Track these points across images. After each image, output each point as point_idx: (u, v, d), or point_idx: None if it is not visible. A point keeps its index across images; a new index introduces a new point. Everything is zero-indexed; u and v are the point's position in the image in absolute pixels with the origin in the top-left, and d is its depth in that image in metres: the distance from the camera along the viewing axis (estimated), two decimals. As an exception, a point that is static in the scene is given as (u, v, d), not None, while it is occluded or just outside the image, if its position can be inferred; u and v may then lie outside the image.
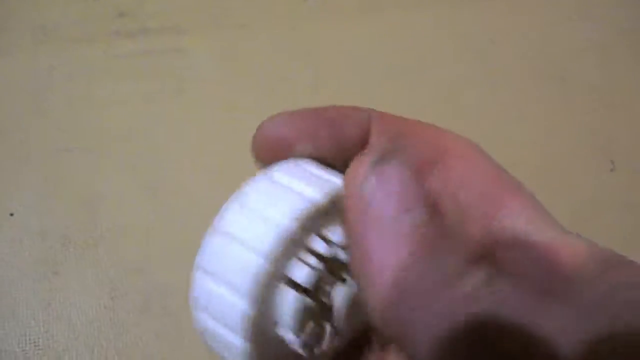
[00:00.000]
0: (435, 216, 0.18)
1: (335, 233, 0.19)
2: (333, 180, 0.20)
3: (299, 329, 0.19)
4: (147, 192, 0.37)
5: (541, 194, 0.21)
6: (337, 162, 0.21)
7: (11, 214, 0.35)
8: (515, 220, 0.19)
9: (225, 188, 0.19)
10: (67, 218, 0.35)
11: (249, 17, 0.45)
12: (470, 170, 0.20)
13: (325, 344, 0.20)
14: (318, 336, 0.20)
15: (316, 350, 0.20)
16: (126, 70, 0.42)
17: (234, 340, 0.19)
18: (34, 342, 0.32)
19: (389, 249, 0.17)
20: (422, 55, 0.45)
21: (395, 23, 0.46)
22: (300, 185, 0.19)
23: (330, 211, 0.19)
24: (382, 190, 0.18)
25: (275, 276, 0.18)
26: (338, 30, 0.45)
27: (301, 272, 0.18)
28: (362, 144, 0.21)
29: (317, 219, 0.19)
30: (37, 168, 0.37)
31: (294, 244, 0.18)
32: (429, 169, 0.21)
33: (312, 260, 0.19)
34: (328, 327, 0.20)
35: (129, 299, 0.33)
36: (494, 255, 0.19)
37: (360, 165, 0.19)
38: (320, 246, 0.19)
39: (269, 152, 0.21)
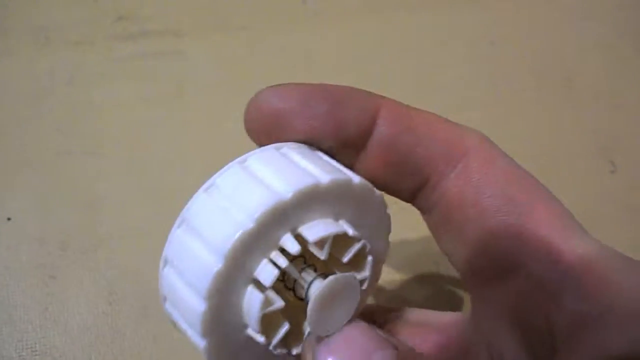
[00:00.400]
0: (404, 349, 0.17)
1: (313, 230, 0.18)
2: (312, 170, 0.18)
3: (269, 330, 0.18)
4: (146, 196, 0.37)
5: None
6: (334, 145, 0.20)
7: (9, 219, 0.35)
8: (547, 229, 0.18)
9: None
10: (66, 222, 0.35)
11: (249, 19, 0.45)
12: (492, 174, 0.19)
13: None
14: (297, 336, 0.19)
15: (294, 351, 0.19)
16: (126, 73, 0.42)
17: (196, 338, 0.18)
18: (31, 347, 0.31)
19: None
20: (422, 57, 0.44)
21: (395, 25, 0.46)
22: (273, 177, 0.17)
23: (305, 204, 0.18)
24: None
25: (242, 276, 0.17)
26: (337, 32, 0.45)
27: (266, 274, 0.17)
28: (364, 132, 0.20)
29: (290, 214, 0.17)
30: (36, 171, 0.37)
31: (262, 243, 0.17)
32: (445, 170, 0.20)
33: (281, 260, 0.17)
34: (307, 327, 0.19)
35: (127, 304, 0.33)
36: (524, 266, 0.18)
37: (305, 356, 0.17)
38: (290, 246, 0.17)
39: (261, 128, 0.19)
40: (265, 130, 0.19)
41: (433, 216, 0.21)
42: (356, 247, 0.19)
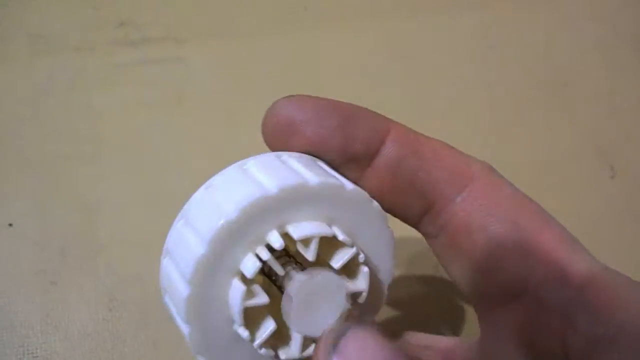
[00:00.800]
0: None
1: (298, 228, 0.18)
2: (303, 173, 0.19)
3: (254, 327, 0.18)
4: (146, 202, 0.37)
5: (540, 200, 0.21)
6: (339, 159, 0.20)
7: (10, 225, 0.35)
8: (555, 254, 0.18)
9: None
10: (66, 228, 0.35)
11: (249, 26, 0.45)
12: (497, 199, 0.20)
13: (296, 350, 0.19)
14: (285, 339, 0.19)
15: (282, 355, 0.19)
16: (126, 79, 0.42)
17: (182, 325, 0.18)
18: (32, 353, 0.31)
19: None
20: (422, 62, 0.44)
21: (395, 30, 0.46)
22: (265, 176, 0.18)
23: (293, 202, 0.18)
24: None
25: (228, 269, 0.18)
26: (338, 37, 0.45)
27: (248, 265, 0.18)
28: (371, 150, 0.20)
29: (278, 211, 0.18)
30: (36, 177, 0.37)
31: (250, 238, 0.18)
32: (451, 195, 0.20)
33: (264, 253, 0.18)
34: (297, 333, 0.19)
35: (127, 310, 0.33)
36: (533, 290, 0.18)
37: (320, 352, 0.17)
38: (274, 239, 0.18)
39: (275, 135, 0.20)
40: (278, 137, 0.20)
41: (439, 241, 0.21)
42: (347, 253, 0.19)
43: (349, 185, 0.19)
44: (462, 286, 0.21)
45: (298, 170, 0.19)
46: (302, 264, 0.19)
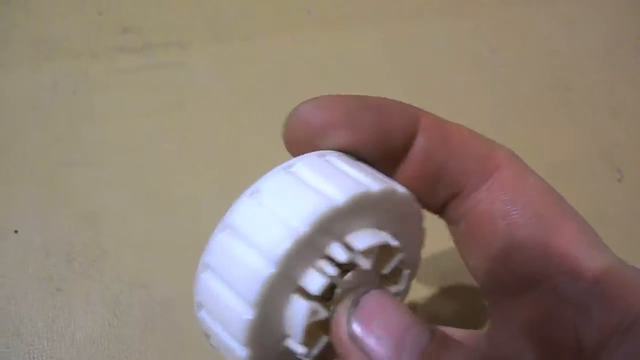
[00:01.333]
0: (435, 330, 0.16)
1: (359, 239, 0.17)
2: (361, 179, 0.18)
3: (310, 342, 0.18)
4: (150, 207, 0.37)
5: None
6: (376, 155, 0.20)
7: (15, 231, 0.35)
8: (574, 246, 0.18)
9: (229, 202, 0.19)
10: (71, 234, 0.35)
11: (252, 30, 0.45)
12: (522, 188, 0.20)
13: None
14: (331, 350, 0.19)
15: None
16: (129, 85, 0.42)
17: (236, 347, 0.17)
18: (38, 359, 0.31)
19: None
20: (424, 65, 0.44)
21: (398, 33, 0.46)
22: (323, 183, 0.17)
23: (354, 212, 0.17)
24: (370, 334, 0.16)
25: (286, 284, 0.17)
26: (342, 41, 0.45)
27: (314, 282, 0.17)
28: (406, 141, 0.20)
29: (339, 222, 0.17)
30: (40, 183, 0.37)
31: (310, 250, 0.17)
32: (477, 183, 0.20)
33: (329, 268, 0.17)
34: None
35: (133, 315, 0.33)
36: (549, 280, 0.18)
37: (339, 319, 0.17)
38: (339, 254, 0.17)
39: (303, 140, 0.19)
40: (308, 141, 0.19)
41: (460, 227, 0.21)
42: (397, 258, 0.19)
43: (399, 188, 0.19)
44: (478, 274, 0.21)
45: (354, 175, 0.18)
46: (344, 270, 0.19)
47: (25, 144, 0.39)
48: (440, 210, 0.21)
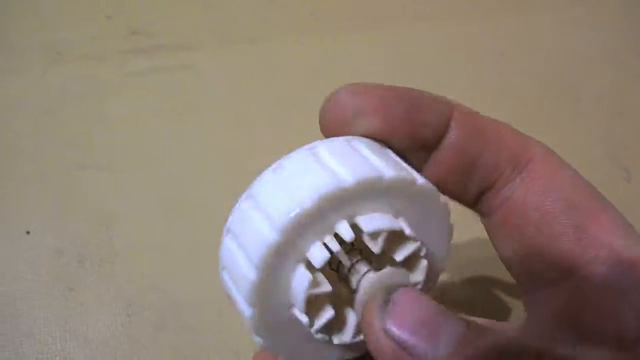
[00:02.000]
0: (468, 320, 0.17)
1: (369, 221, 0.18)
2: (377, 164, 0.18)
3: (314, 313, 0.18)
4: (161, 208, 0.37)
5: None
6: (407, 145, 0.20)
7: (27, 232, 0.35)
8: (610, 236, 0.18)
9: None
10: (83, 235, 0.35)
11: (259, 32, 0.45)
12: (556, 180, 0.20)
13: (348, 336, 0.19)
14: (340, 325, 0.19)
15: (335, 340, 0.19)
16: (139, 88, 0.42)
17: (244, 307, 0.19)
18: (51, 359, 0.32)
19: None
20: (432, 68, 0.45)
21: (405, 36, 0.46)
22: (338, 164, 0.18)
23: (367, 196, 0.18)
24: (405, 329, 0.16)
25: (294, 254, 0.18)
26: (347, 43, 0.45)
27: (317, 255, 0.18)
28: (439, 134, 0.20)
29: (350, 202, 0.18)
30: (52, 186, 0.37)
31: (320, 226, 0.18)
32: (511, 175, 0.20)
33: (334, 244, 0.18)
34: (353, 318, 0.19)
35: (145, 316, 0.33)
36: (585, 268, 0.18)
37: (371, 316, 0.17)
38: (344, 231, 0.18)
39: (337, 123, 0.20)
40: (341, 124, 0.20)
41: (493, 219, 0.21)
42: (411, 247, 0.19)
43: (420, 179, 0.19)
44: (513, 266, 0.21)
45: (372, 160, 0.19)
46: (361, 251, 0.19)
47: (37, 147, 0.39)
48: (473, 203, 0.21)
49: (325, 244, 0.18)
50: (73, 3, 0.46)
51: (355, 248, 0.19)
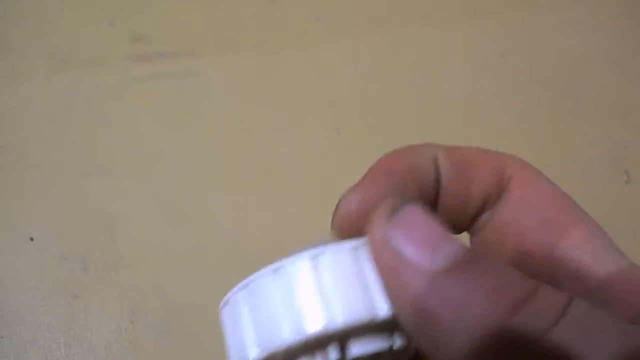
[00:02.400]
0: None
1: (358, 345, 0.18)
2: (379, 305, 0.18)
3: None
4: (164, 214, 0.37)
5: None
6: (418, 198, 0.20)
7: (31, 239, 0.35)
8: (580, 252, 0.18)
9: (242, 209, 0.19)
10: (87, 241, 0.36)
11: (262, 38, 0.46)
12: (531, 196, 0.20)
13: None
14: None
15: None
16: (142, 94, 0.42)
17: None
18: (56, 365, 0.32)
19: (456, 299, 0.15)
20: (433, 71, 0.45)
21: (407, 39, 0.46)
22: (334, 295, 0.18)
23: (361, 330, 0.18)
24: (407, 239, 0.16)
25: None
26: (350, 47, 0.46)
27: None
28: (435, 183, 0.20)
29: (341, 332, 0.18)
30: (56, 192, 0.38)
31: (309, 347, 0.18)
32: (494, 199, 0.20)
33: None
34: None
35: (149, 321, 0.33)
36: (556, 284, 0.18)
37: (376, 223, 0.17)
38: (332, 356, 0.18)
39: (354, 226, 0.20)
40: (357, 229, 0.19)
41: (476, 240, 0.21)
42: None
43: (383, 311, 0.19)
44: None
45: (372, 291, 0.18)
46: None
47: (41, 153, 0.39)
48: (468, 228, 0.22)
49: None
50: (76, 11, 0.46)
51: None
